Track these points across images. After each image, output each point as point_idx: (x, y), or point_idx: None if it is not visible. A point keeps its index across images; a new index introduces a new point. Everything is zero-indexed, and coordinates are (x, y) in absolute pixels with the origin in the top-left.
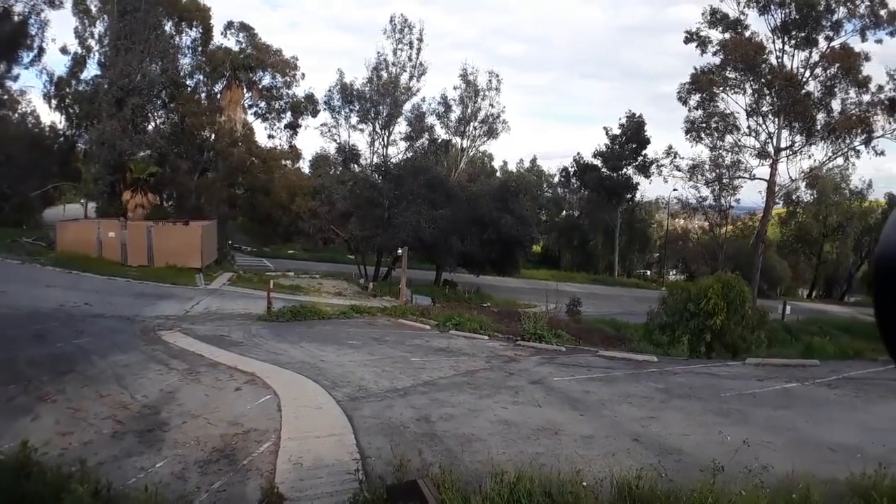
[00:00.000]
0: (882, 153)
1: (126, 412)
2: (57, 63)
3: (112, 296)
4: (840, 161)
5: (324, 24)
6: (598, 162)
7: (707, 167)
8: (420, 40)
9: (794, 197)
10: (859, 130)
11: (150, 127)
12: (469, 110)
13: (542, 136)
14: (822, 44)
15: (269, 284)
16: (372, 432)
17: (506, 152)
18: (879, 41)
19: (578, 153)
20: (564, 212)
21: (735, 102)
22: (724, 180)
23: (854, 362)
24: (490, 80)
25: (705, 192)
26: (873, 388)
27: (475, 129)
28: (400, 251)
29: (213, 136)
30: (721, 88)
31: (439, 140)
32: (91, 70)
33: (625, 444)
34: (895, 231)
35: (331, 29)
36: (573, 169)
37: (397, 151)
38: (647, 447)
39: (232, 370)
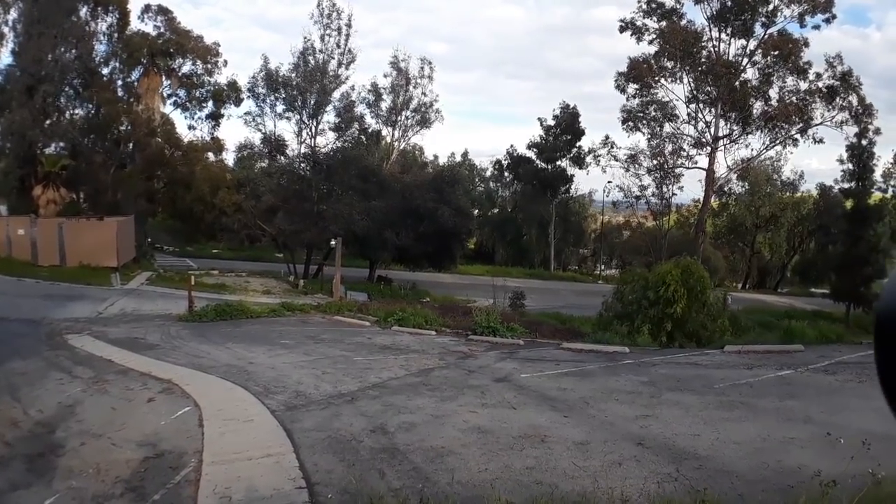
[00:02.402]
0: (821, 141)
1: (16, 431)
2: None
3: (19, 297)
4: (778, 149)
5: (247, 22)
6: (532, 154)
7: (648, 154)
8: (349, 26)
9: (726, 189)
10: (797, 119)
11: (63, 117)
12: (401, 98)
13: (469, 135)
14: (760, 31)
15: (191, 281)
16: (318, 449)
17: (435, 148)
18: (817, 27)
19: (512, 146)
20: (497, 206)
21: (672, 91)
22: (667, 167)
23: (841, 346)
24: (422, 68)
25: (647, 180)
26: (875, 373)
27: (407, 118)
28: (333, 242)
29: (129, 127)
30: (659, 76)
31: (370, 129)
32: (4, 59)
33: (628, 449)
34: None
35: (253, 26)
36: (507, 162)
37: (326, 142)
38: (655, 452)
39: (145, 377)
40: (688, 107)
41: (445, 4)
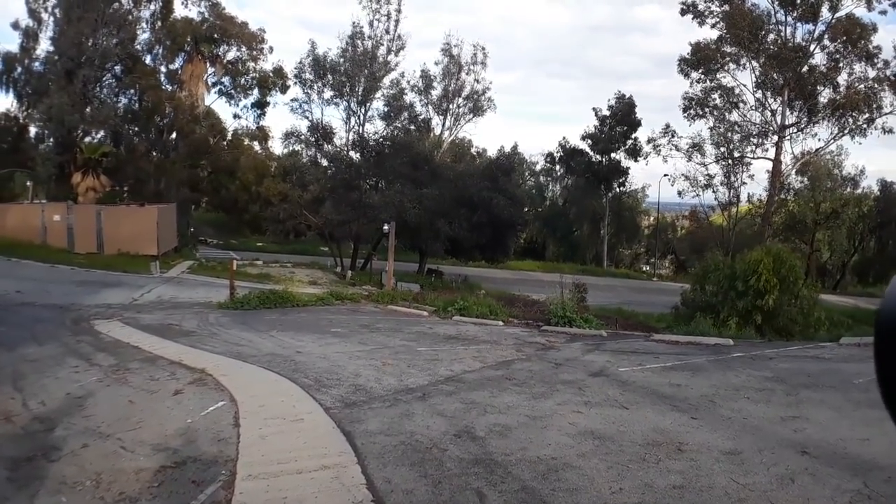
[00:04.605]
0: (890, 131)
1: (6, 427)
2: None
3: (51, 284)
4: (842, 142)
5: (291, 24)
6: (585, 146)
7: (712, 143)
8: (398, 11)
9: (785, 183)
10: (864, 108)
11: (104, 104)
12: (452, 85)
13: (510, 134)
14: (826, 15)
15: (233, 266)
16: (389, 460)
17: (483, 143)
18: (884, 12)
19: (564, 137)
20: (548, 201)
21: (735, 78)
22: (736, 154)
23: None
24: (475, 54)
25: (714, 168)
26: None
27: (459, 105)
28: (386, 227)
29: (172, 114)
30: (724, 60)
31: (420, 118)
32: (43, 45)
33: (794, 460)
34: None
35: (299, 28)
36: (559, 154)
37: (375, 130)
38: (828, 463)
39: (175, 366)
40: (754, 94)
41: (487, 4)
